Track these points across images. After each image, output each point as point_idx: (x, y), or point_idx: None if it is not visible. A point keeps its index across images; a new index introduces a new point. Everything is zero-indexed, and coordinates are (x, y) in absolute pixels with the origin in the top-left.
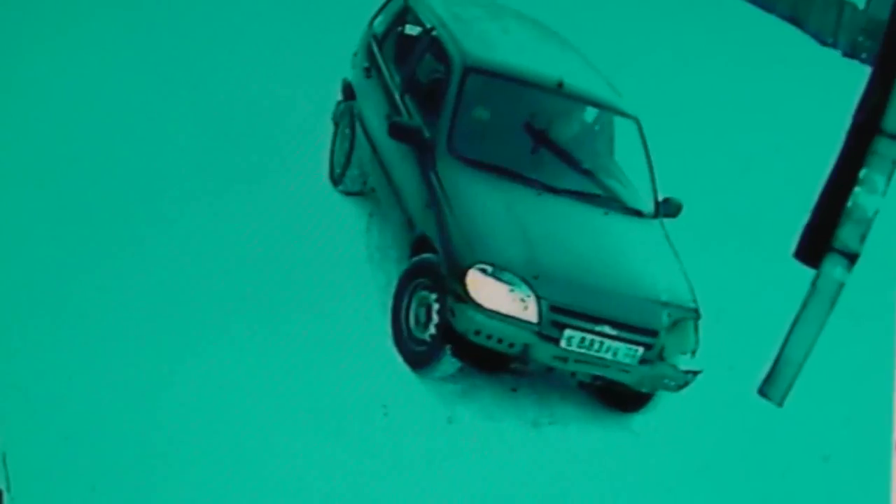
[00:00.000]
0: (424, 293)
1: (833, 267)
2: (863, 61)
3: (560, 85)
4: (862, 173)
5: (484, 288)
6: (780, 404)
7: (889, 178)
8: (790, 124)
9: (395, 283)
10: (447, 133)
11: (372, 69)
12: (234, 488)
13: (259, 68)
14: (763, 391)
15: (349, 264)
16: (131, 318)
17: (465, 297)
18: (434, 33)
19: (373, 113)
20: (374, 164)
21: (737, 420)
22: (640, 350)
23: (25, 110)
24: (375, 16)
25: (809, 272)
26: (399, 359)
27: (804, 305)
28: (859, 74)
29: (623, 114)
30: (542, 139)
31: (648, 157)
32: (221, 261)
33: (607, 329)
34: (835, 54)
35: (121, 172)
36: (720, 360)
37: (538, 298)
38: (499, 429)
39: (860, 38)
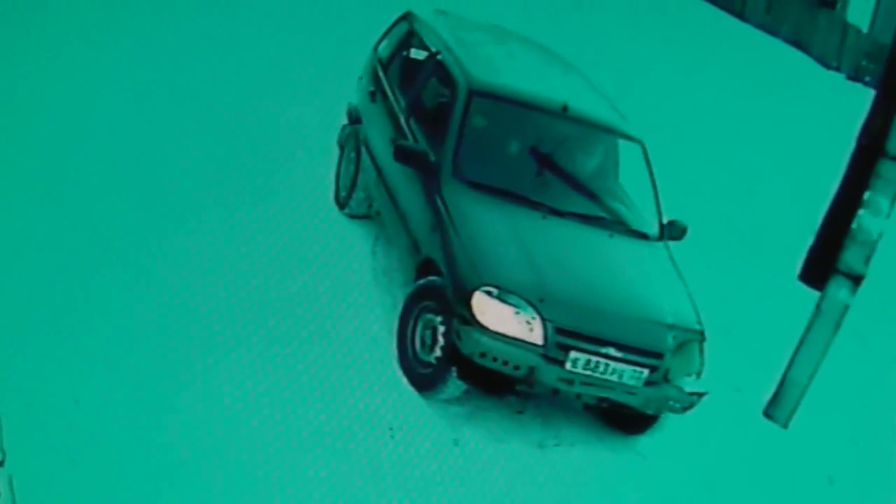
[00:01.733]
0: (430, 316)
1: (838, 289)
2: (866, 84)
3: (565, 108)
4: (866, 196)
5: (489, 310)
6: (785, 426)
7: (893, 201)
8: (795, 147)
9: (400, 305)
10: (452, 157)
11: (377, 93)
12: None
13: (265, 91)
14: (768, 413)
15: (355, 287)
16: (138, 340)
17: (470, 320)
18: (439, 57)
19: (378, 137)
20: (379, 187)
21: (742, 442)
22: (646, 372)
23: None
24: (380, 40)
25: (815, 294)
26: (405, 381)
27: (809, 327)
28: (863, 98)
29: (628, 137)
30: (546, 162)
31: (653, 180)
32: (227, 283)
33: (612, 351)
34: (839, 77)
35: (127, 193)
36: (726, 381)
37: (543, 321)
38: (504, 451)
39: (864, 62)
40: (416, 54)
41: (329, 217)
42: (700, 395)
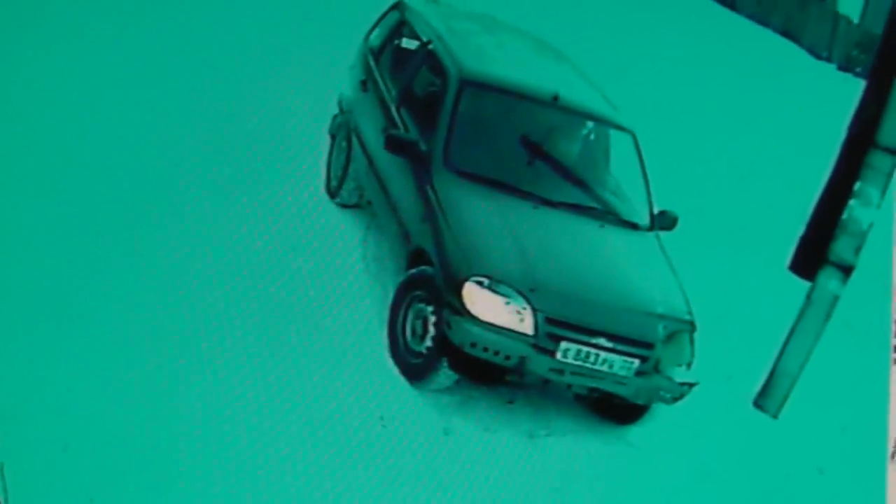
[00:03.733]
0: (421, 306)
1: (828, 279)
2: (857, 75)
3: (555, 98)
4: (856, 186)
5: (480, 300)
6: (775, 416)
7: (883, 191)
8: (785, 137)
9: (391, 294)
10: (443, 146)
11: (368, 82)
12: (232, 498)
13: (257, 80)
14: (759, 403)
15: (346, 275)
16: (130, 329)
17: (461, 310)
18: (430, 47)
19: (369, 126)
20: (370, 177)
21: (733, 431)
22: (636, 362)
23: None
24: (371, 29)
25: (805, 284)
26: (395, 370)
27: (799, 317)
28: (854, 88)
29: (619, 127)
30: (537, 152)
31: (644, 170)
32: (217, 271)
33: (603, 341)
34: (829, 68)
35: (119, 182)
36: (716, 370)
37: (534, 311)
38: (495, 440)
39: (854, 52)
40: (408, 44)
41: (320, 206)
42: (691, 385)
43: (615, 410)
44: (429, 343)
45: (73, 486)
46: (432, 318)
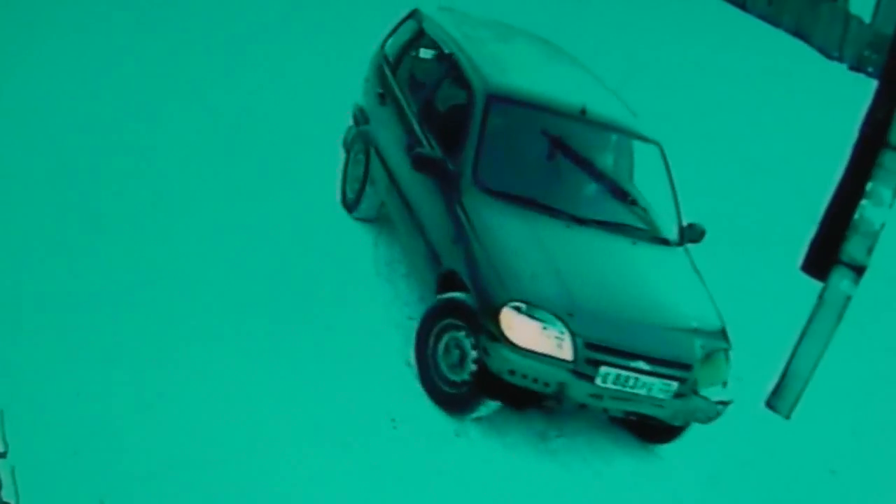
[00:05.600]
0: (456, 334)
1: (840, 280)
2: (869, 75)
3: (583, 111)
4: (868, 186)
5: (518, 327)
6: (787, 417)
7: (895, 192)
8: (797, 137)
9: (402, 296)
10: (472, 165)
11: (387, 95)
12: (242, 499)
13: (267, 90)
14: (771, 404)
15: (357, 278)
16: (142, 333)
17: (498, 337)
18: (452, 59)
19: (390, 141)
20: (392, 193)
21: (744, 432)
22: (675, 384)
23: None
24: (386, 39)
25: (817, 284)
26: (409, 375)
27: (811, 318)
28: (865, 88)
29: (646, 139)
30: (566, 167)
31: (672, 182)
32: (228, 274)
33: (642, 365)
34: (841, 68)
35: (132, 192)
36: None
37: (573, 336)
38: (506, 442)
39: (866, 52)
40: (426, 54)
41: (331, 209)
42: (725, 403)
43: (649, 431)
44: (467, 373)
45: (83, 489)
46: (470, 347)
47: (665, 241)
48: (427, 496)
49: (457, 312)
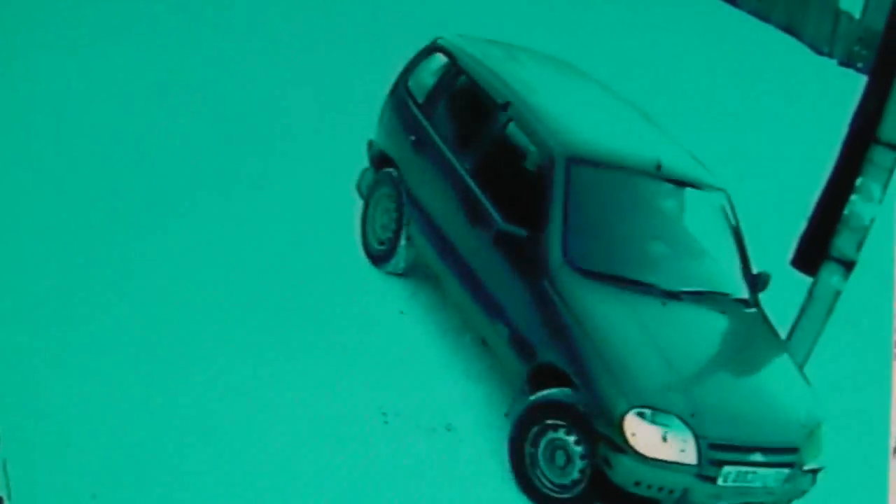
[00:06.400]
0: (559, 436)
1: (830, 275)
2: (859, 70)
3: (658, 167)
4: (858, 182)
5: (642, 434)
6: None
7: (885, 186)
8: (786, 133)
9: (394, 291)
10: (561, 241)
11: (426, 144)
12: (235, 494)
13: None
14: None
15: (350, 272)
16: (136, 327)
17: (623, 446)
18: (510, 109)
19: (436, 198)
20: (440, 258)
21: None
22: (786, 471)
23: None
24: (406, 72)
25: (807, 279)
26: (399, 370)
27: (801, 313)
28: (855, 84)
29: (714, 188)
30: (643, 231)
31: (739, 233)
32: (224, 267)
33: (759, 457)
34: (831, 63)
35: (130, 189)
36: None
37: (697, 438)
38: (498, 436)
39: (856, 48)
40: (467, 94)
41: (325, 203)
42: (817, 471)
43: None
44: (575, 476)
45: (75, 482)
46: (578, 451)
47: (745, 302)
48: (419, 490)
49: (560, 412)
